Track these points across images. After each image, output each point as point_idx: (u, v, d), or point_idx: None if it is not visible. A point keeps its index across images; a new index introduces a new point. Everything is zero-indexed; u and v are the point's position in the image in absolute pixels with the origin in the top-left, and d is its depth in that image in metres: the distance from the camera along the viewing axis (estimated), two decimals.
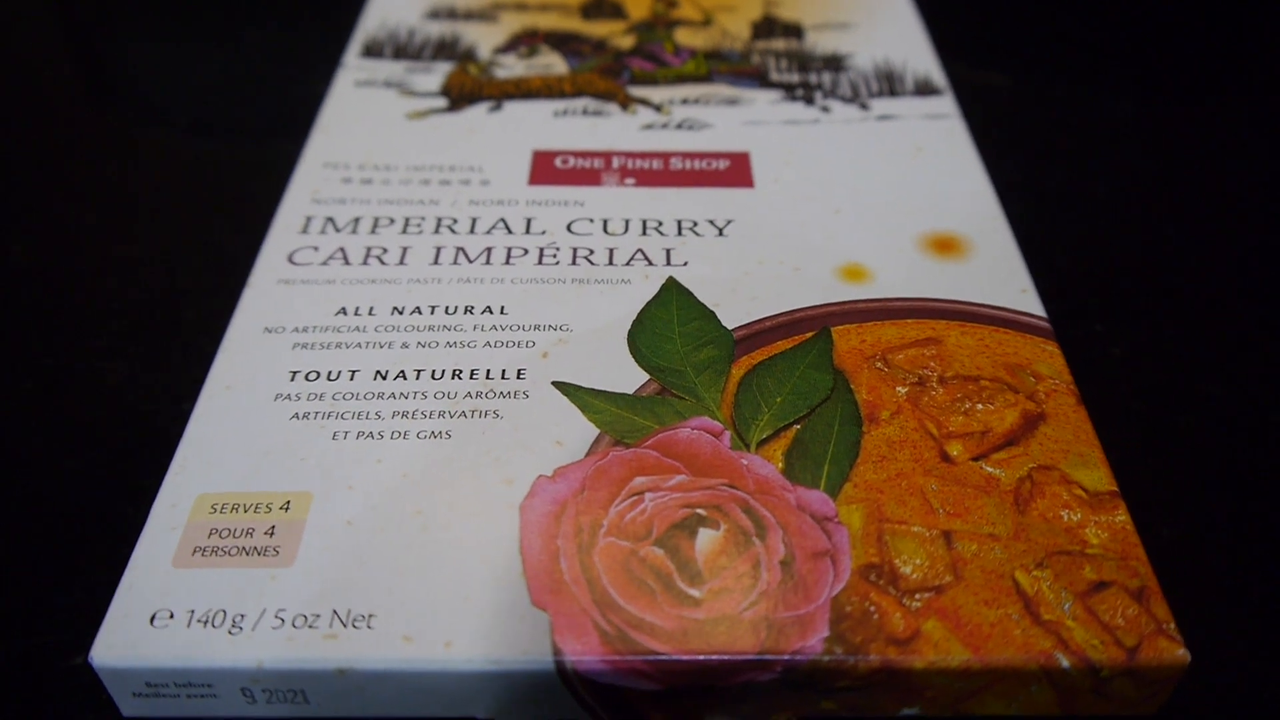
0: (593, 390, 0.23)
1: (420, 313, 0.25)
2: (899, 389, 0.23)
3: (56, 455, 0.25)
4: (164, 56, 0.41)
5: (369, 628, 0.19)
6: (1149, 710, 0.20)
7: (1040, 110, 0.38)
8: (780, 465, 0.22)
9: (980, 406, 0.23)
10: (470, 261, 0.27)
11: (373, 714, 0.20)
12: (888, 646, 0.19)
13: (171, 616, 0.19)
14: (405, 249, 0.27)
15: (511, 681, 0.19)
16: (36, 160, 0.35)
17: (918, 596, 0.20)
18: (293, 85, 0.39)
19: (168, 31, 0.43)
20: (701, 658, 0.19)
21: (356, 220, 0.28)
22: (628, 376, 0.24)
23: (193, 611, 0.20)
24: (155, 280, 0.30)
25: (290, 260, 0.27)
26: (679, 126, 0.32)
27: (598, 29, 0.37)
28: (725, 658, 0.19)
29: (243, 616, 0.19)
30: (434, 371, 0.24)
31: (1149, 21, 0.43)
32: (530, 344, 0.24)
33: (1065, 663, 0.19)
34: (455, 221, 0.28)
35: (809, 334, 0.25)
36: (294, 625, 0.19)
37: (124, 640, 0.19)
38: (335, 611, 0.19)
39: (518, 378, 0.24)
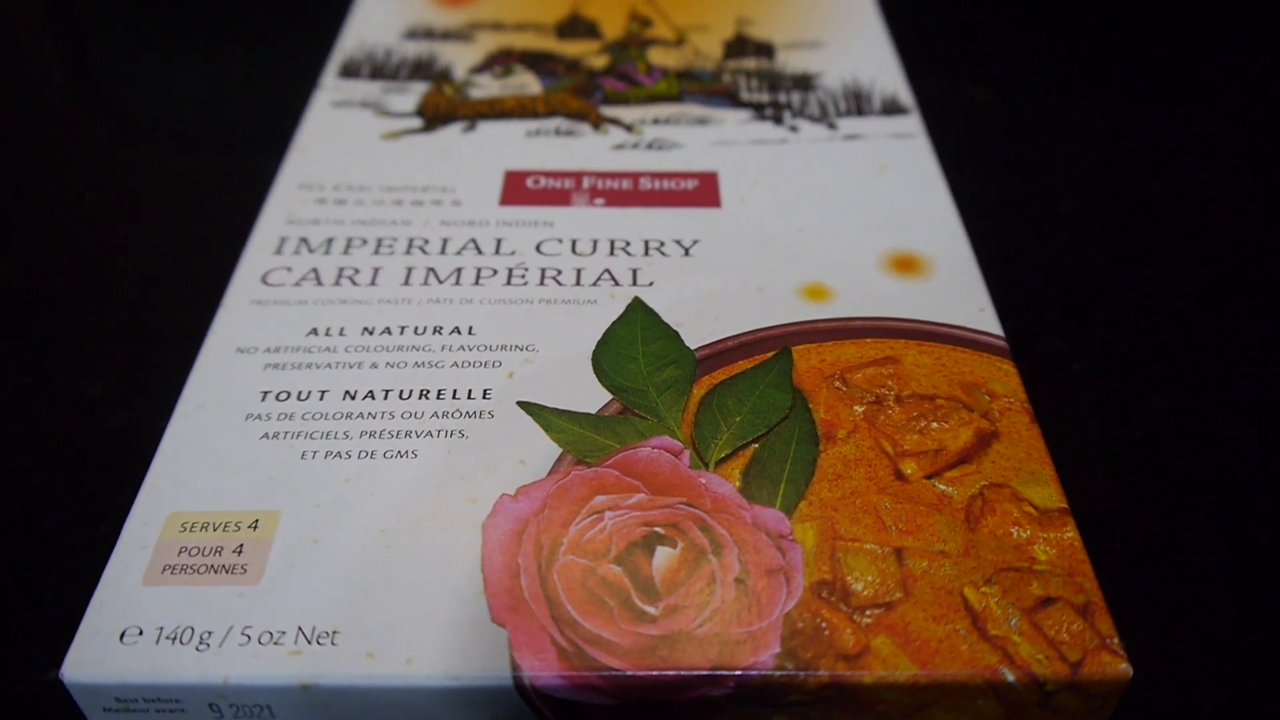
0: (556, 410, 0.24)
1: (390, 333, 0.26)
2: (856, 408, 0.24)
3: (31, 472, 0.26)
4: (144, 74, 0.42)
5: (333, 644, 0.20)
6: None
7: (1007, 126, 0.39)
8: (738, 484, 0.22)
9: (935, 425, 0.24)
10: (440, 282, 0.27)
11: None
12: (837, 662, 0.20)
13: (141, 633, 0.20)
14: (377, 269, 0.28)
15: (471, 697, 0.19)
16: (14, 177, 0.36)
17: (868, 613, 0.20)
18: (271, 102, 0.39)
19: (148, 49, 0.43)
20: (655, 673, 0.19)
21: (330, 241, 0.28)
22: (591, 396, 0.24)
23: (161, 628, 0.20)
24: (132, 298, 0.31)
25: (264, 281, 0.27)
26: (649, 146, 0.32)
27: (572, 49, 0.37)
28: (679, 673, 0.19)
29: (210, 634, 0.20)
30: (402, 392, 0.24)
31: (1116, 39, 0.44)
32: (497, 364, 0.25)
33: (1010, 677, 0.20)
34: (426, 242, 0.28)
35: (770, 353, 0.25)
36: (259, 642, 0.20)
37: (94, 657, 0.20)
38: (300, 628, 0.20)
39: (484, 398, 0.24)
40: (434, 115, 0.33)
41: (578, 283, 0.27)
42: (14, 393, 0.28)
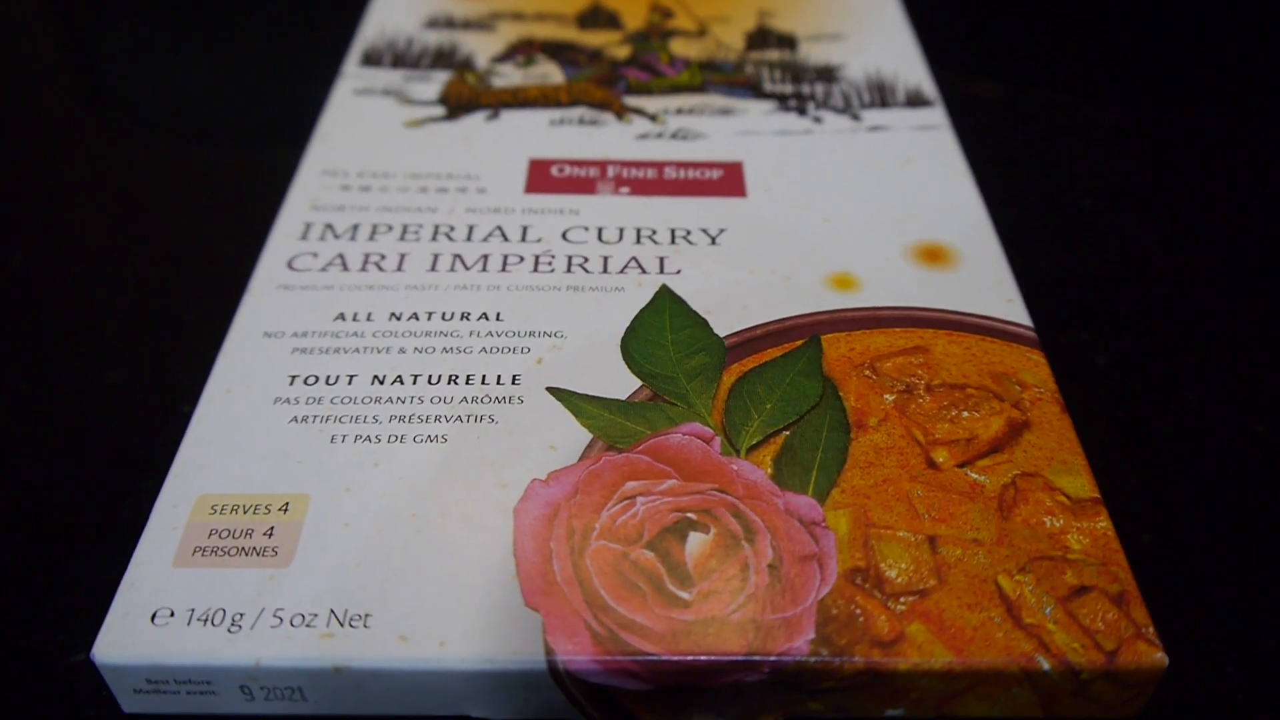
0: (586, 396, 0.24)
1: (417, 318, 0.26)
2: (887, 396, 0.24)
3: (59, 458, 0.26)
4: (166, 64, 0.42)
5: (365, 627, 0.20)
6: (1130, 713, 0.21)
7: (1030, 120, 0.39)
8: (769, 471, 0.22)
9: (966, 414, 0.24)
10: (467, 269, 0.27)
11: (368, 711, 0.20)
12: (872, 649, 0.19)
13: (172, 615, 0.20)
14: (403, 255, 0.27)
15: (504, 680, 0.19)
16: (38, 168, 0.36)
17: (902, 600, 0.20)
18: (293, 93, 0.39)
19: (170, 39, 0.43)
20: (690, 658, 0.19)
21: (355, 227, 0.28)
22: (621, 383, 0.24)
23: (193, 610, 0.20)
24: (156, 286, 0.31)
25: (290, 266, 0.27)
26: (673, 136, 0.32)
27: (594, 39, 0.37)
28: (713, 659, 0.19)
29: (241, 615, 0.20)
30: (430, 377, 0.24)
31: (1137, 32, 0.44)
32: (525, 350, 0.25)
33: (1046, 665, 0.20)
34: (452, 229, 0.28)
35: (799, 342, 0.25)
36: (291, 624, 0.20)
37: (125, 638, 0.20)
38: (332, 611, 0.20)
39: (513, 383, 0.24)
40: (457, 104, 0.33)
41: (605, 270, 0.27)
42: (40, 380, 0.28)
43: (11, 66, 0.42)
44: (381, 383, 0.24)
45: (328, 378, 0.24)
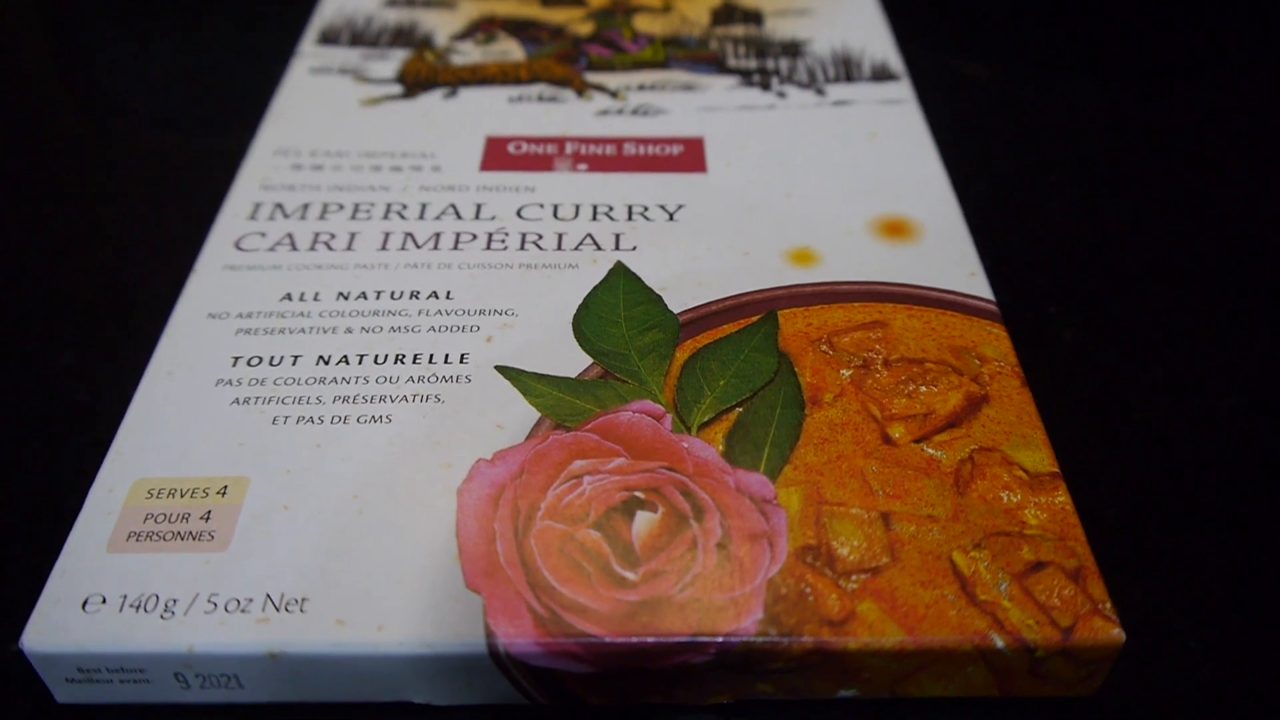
0: (535, 374, 0.23)
1: (366, 298, 0.25)
2: (843, 372, 0.23)
3: (2, 442, 0.25)
4: (122, 46, 0.41)
5: (301, 612, 0.19)
6: (1088, 691, 0.20)
7: (1000, 97, 0.38)
8: (721, 448, 0.22)
9: (924, 389, 0.23)
10: (418, 247, 0.26)
11: (307, 699, 0.20)
12: (822, 628, 0.19)
13: (104, 601, 0.19)
14: (353, 235, 0.27)
15: (444, 664, 0.19)
16: None
17: (854, 578, 0.20)
18: (250, 75, 0.38)
19: (128, 19, 0.42)
20: (635, 640, 0.19)
21: (305, 206, 0.28)
22: (572, 361, 0.24)
23: (125, 596, 0.19)
24: (105, 268, 0.30)
25: (237, 246, 0.27)
26: (634, 112, 0.32)
27: (557, 15, 0.36)
28: (658, 640, 0.19)
29: (175, 601, 0.19)
30: (377, 357, 0.24)
31: (1109, 10, 0.43)
32: (475, 329, 0.24)
33: (1000, 643, 0.19)
34: (405, 207, 0.28)
35: (755, 317, 0.25)
36: (226, 610, 0.19)
37: (55, 626, 0.19)
38: (269, 595, 0.19)
39: (461, 362, 0.23)
40: (415, 82, 0.33)
41: (559, 247, 0.26)
42: None
43: None
44: (327, 363, 0.23)
45: (272, 359, 0.24)
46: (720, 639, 0.19)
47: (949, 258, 0.26)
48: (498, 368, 0.23)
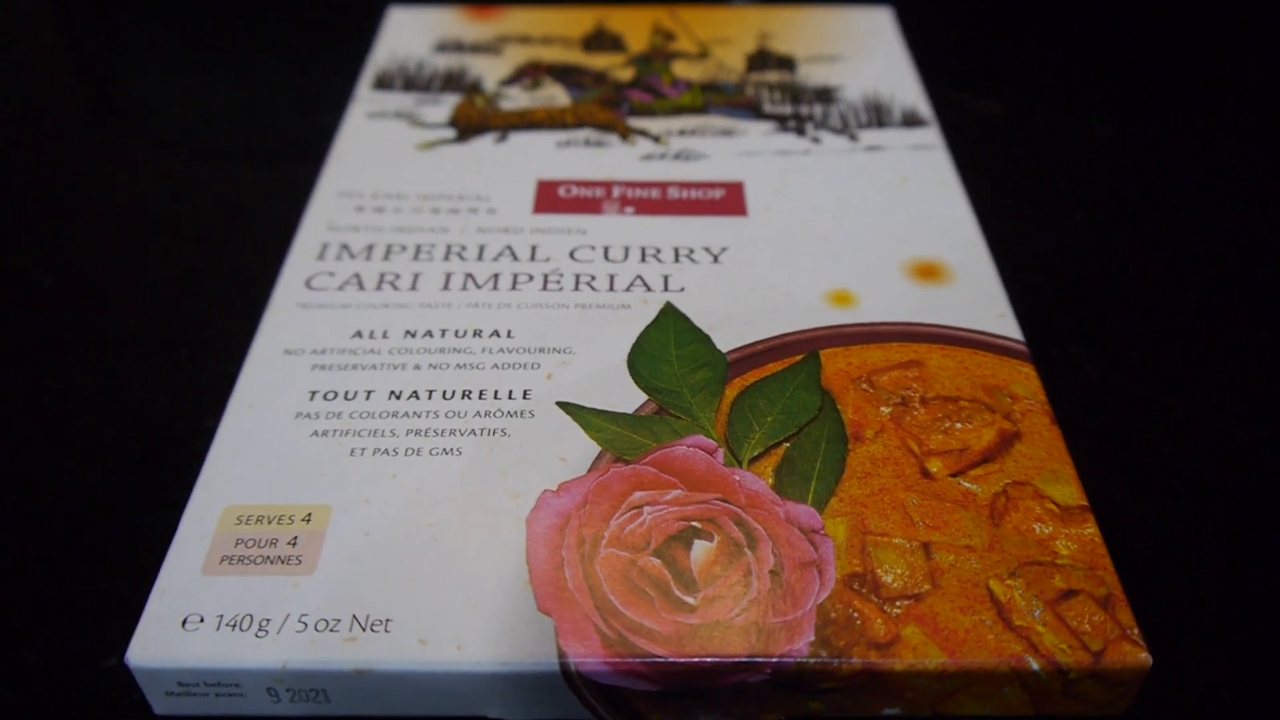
0: (594, 410, 0.25)
1: (431, 335, 0.27)
2: (883, 409, 0.25)
3: (90, 470, 0.27)
4: (185, 87, 0.43)
5: (386, 631, 0.21)
6: (1116, 711, 0.22)
7: (1023, 136, 0.40)
8: (770, 481, 0.23)
9: (959, 425, 0.25)
10: (478, 287, 0.28)
11: (389, 712, 0.21)
12: (869, 650, 0.20)
13: (201, 620, 0.21)
14: (417, 275, 0.28)
15: (519, 682, 0.20)
16: (64, 191, 0.37)
17: (898, 604, 0.21)
18: (308, 115, 0.40)
19: (189, 63, 0.44)
20: (696, 660, 0.20)
21: (370, 247, 0.29)
22: (627, 397, 0.25)
23: (221, 615, 0.21)
24: (176, 305, 0.32)
25: (308, 285, 0.28)
26: (676, 157, 0.33)
27: (598, 61, 0.38)
28: (717, 660, 0.20)
29: (268, 620, 0.21)
30: (445, 392, 0.25)
31: (1129, 48, 0.45)
32: (535, 365, 0.26)
33: (1035, 665, 0.21)
34: (464, 249, 0.29)
35: (798, 357, 0.26)
36: (316, 629, 0.21)
37: (157, 642, 0.21)
38: (354, 616, 0.21)
39: (524, 398, 0.25)
40: (466, 126, 0.34)
41: (611, 288, 0.28)
42: (70, 395, 0.29)
43: (34, 91, 0.43)
44: (398, 398, 0.25)
45: (346, 393, 0.25)
46: (775, 659, 0.20)
47: (979, 299, 0.28)
48: (559, 404, 0.25)
